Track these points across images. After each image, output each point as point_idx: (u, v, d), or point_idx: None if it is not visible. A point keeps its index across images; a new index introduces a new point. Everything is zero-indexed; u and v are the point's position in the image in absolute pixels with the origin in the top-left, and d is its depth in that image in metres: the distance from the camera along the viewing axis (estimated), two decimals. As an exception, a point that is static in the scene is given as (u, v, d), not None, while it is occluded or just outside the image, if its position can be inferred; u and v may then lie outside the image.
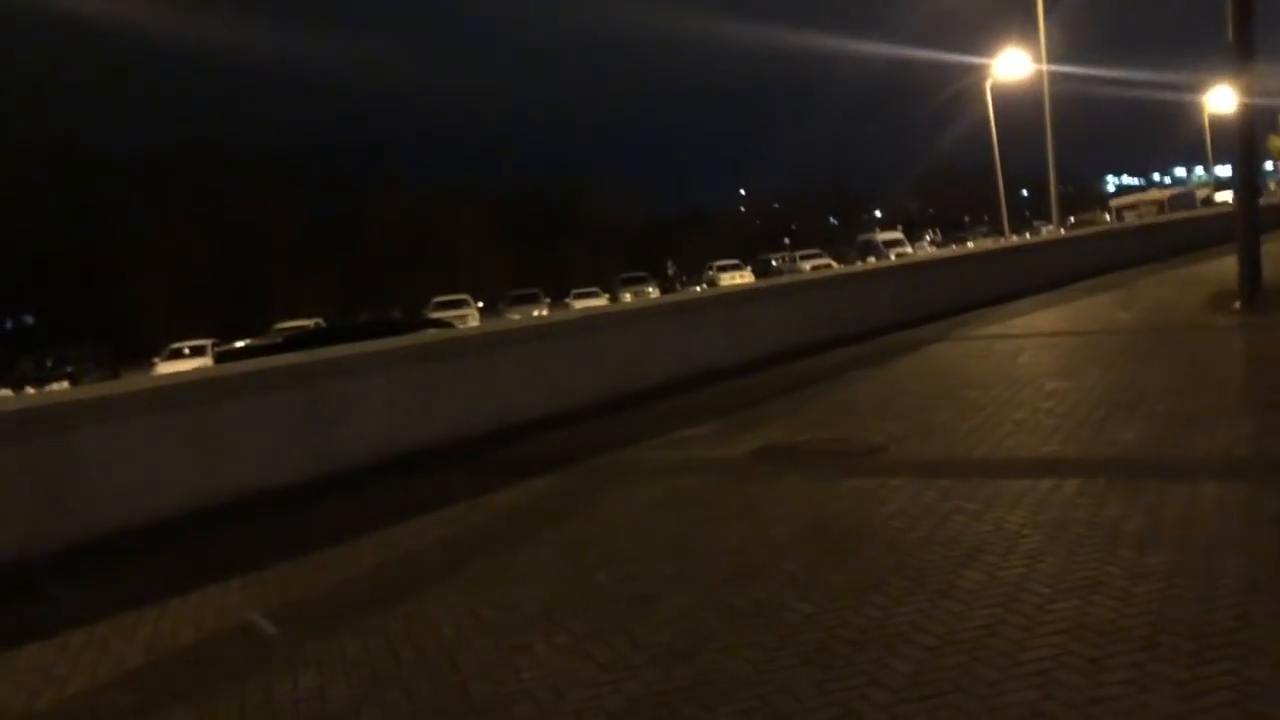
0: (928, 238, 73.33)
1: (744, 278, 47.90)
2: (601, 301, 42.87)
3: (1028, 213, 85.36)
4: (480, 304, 46.22)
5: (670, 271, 60.86)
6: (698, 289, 40.86)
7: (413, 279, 60.34)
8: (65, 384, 30.94)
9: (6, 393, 31.80)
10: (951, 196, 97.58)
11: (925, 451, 6.96)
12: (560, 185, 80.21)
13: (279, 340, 11.43)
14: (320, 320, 38.36)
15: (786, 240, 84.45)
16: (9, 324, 61.52)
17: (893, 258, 37.09)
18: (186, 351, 33.04)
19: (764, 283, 18.78)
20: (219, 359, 12.28)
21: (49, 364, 33.41)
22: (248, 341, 12.35)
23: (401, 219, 66.71)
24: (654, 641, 4.06)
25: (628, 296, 43.72)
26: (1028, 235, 55.96)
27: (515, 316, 36.06)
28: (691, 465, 7.42)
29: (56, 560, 6.49)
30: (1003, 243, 38.95)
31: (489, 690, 3.76)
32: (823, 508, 5.77)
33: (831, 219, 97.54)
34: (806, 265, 48.30)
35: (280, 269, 59.61)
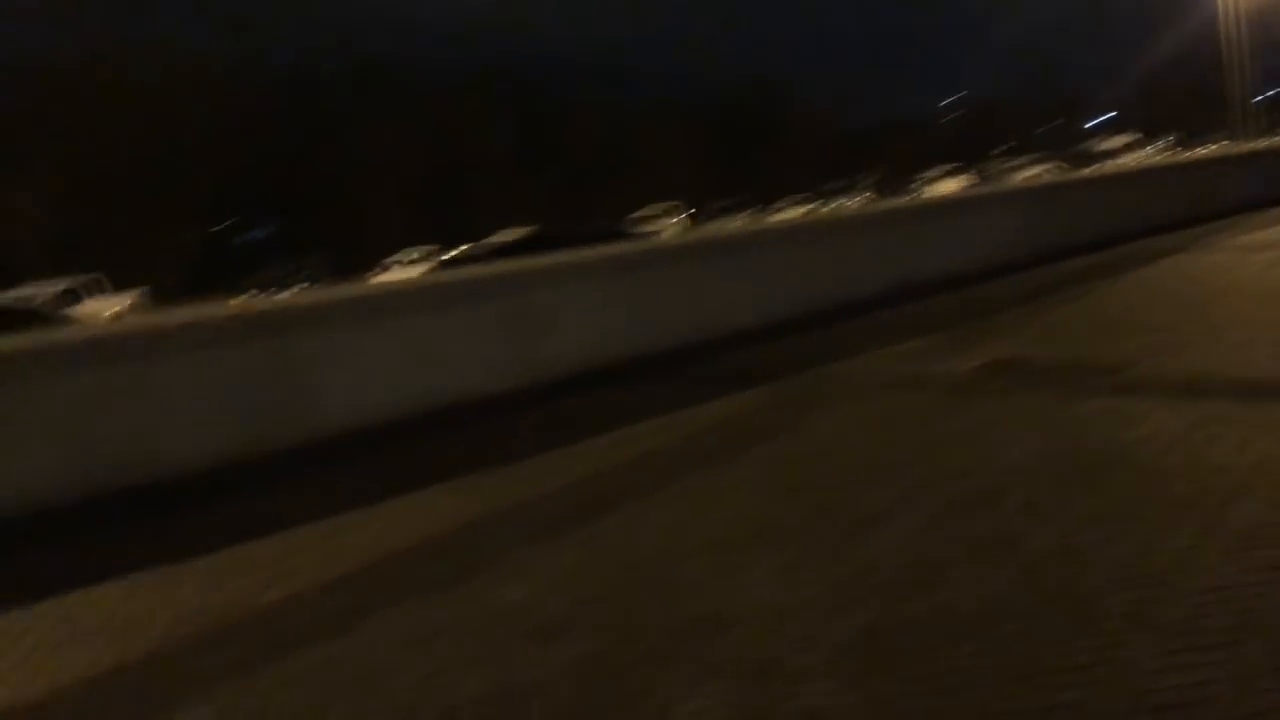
0: (1160, 143, 67.75)
1: (956, 186, 45.67)
2: (808, 210, 41.87)
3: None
4: (691, 211, 45.99)
5: (868, 181, 58.41)
6: (906, 198, 39.29)
7: (619, 189, 60.73)
8: (301, 288, 32.94)
9: (245, 297, 34.21)
10: (1178, 99, 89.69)
11: (1174, 371, 6.29)
12: (764, 94, 78.39)
13: (496, 248, 11.58)
14: (532, 229, 39.18)
15: (1002, 148, 80.00)
16: (254, 234, 65.90)
17: (1119, 164, 34.37)
18: (410, 259, 34.50)
19: (983, 189, 17.71)
20: (440, 266, 12.60)
21: (287, 270, 35.57)
22: (466, 249, 12.60)
23: (609, 130, 67.00)
24: (880, 570, 3.78)
25: (832, 206, 42.54)
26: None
27: (718, 226, 35.69)
28: (912, 381, 7.00)
29: (288, 459, 6.77)
30: (1249, 146, 35.45)
31: (704, 612, 3.58)
32: (1061, 430, 5.28)
33: (1051, 124, 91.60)
34: (1024, 174, 45.54)
35: (495, 181, 61.15)
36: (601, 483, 5.49)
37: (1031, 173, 44.88)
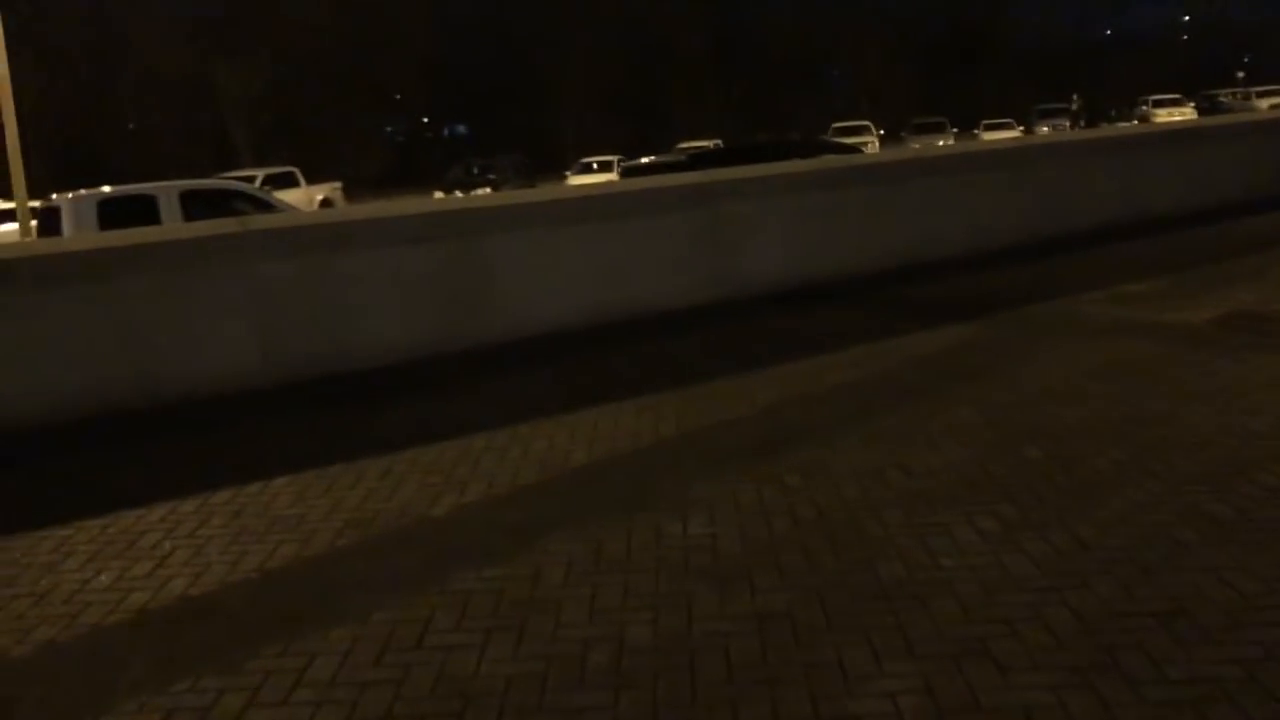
0: None
1: (1185, 115, 42.09)
2: (1014, 134, 39.49)
3: None
4: (881, 132, 44.15)
5: (1074, 106, 53.94)
6: (1128, 125, 36.47)
7: (812, 102, 59.00)
8: (487, 190, 33.44)
9: (438, 195, 35.00)
10: None
11: None
12: (973, 4, 73.93)
13: (682, 159, 11.22)
14: (719, 141, 38.41)
15: (1240, 74, 73.19)
16: (446, 132, 67.43)
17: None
18: (595, 166, 34.48)
19: (1222, 120, 16.08)
20: (624, 174, 12.34)
21: (475, 171, 36.18)
22: (652, 158, 12.27)
23: (804, 39, 64.88)
24: (1105, 544, 3.32)
25: (1044, 130, 39.97)
26: None
27: (917, 146, 34.09)
28: (1140, 328, 6.31)
29: (465, 362, 6.70)
30: None
31: (899, 574, 3.23)
32: (1323, 399, 4.61)
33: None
34: (1264, 104, 41.53)
35: (683, 89, 60.37)
36: (789, 414, 5.14)
37: (1267, 104, 40.91)
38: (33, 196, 26.95)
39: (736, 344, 6.79)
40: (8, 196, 24.26)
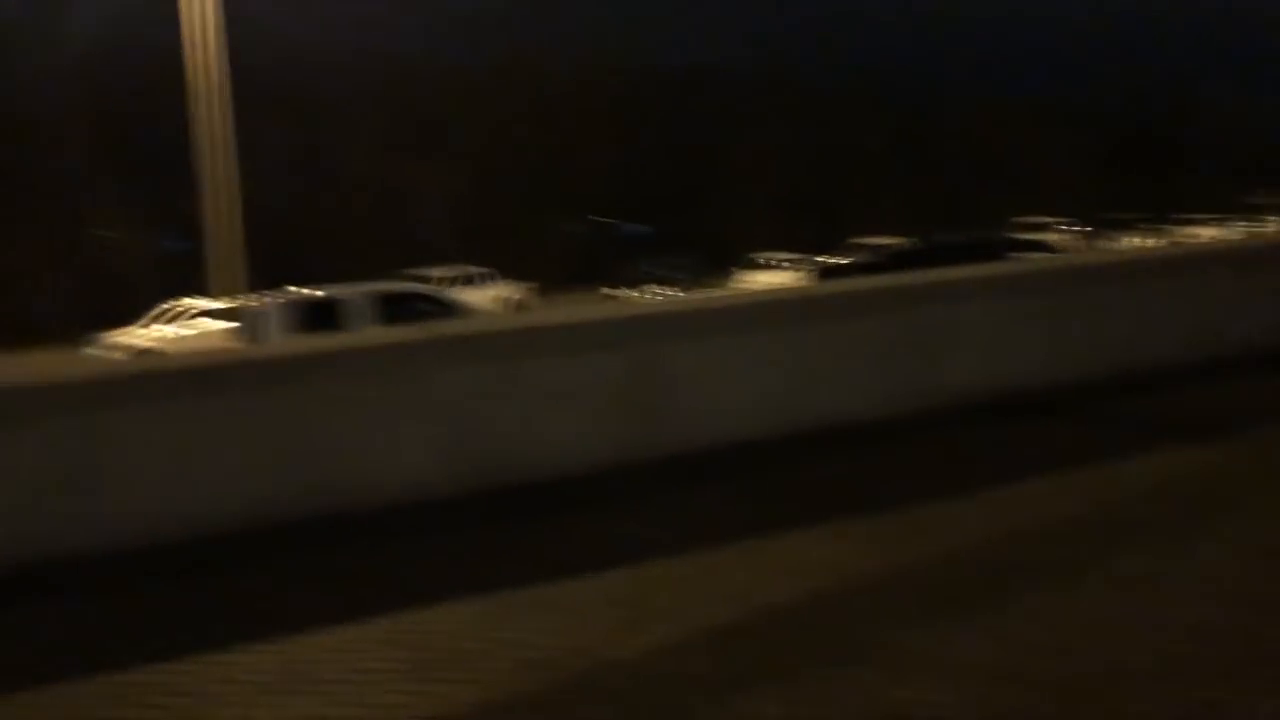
0: None
1: None
2: (1217, 232, 37.22)
3: None
4: (1073, 228, 42.43)
5: (1261, 200, 49.61)
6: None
7: (992, 198, 57.52)
8: (664, 288, 33.71)
9: (617, 293, 35.53)
10: None
11: None
12: (1162, 98, 71.00)
13: (882, 259, 10.81)
14: (911, 241, 37.65)
15: None
16: (627, 231, 69.06)
17: None
18: (768, 263, 34.37)
19: None
20: (821, 275, 12.03)
21: (654, 269, 36.58)
22: (850, 259, 11.91)
23: (983, 134, 63.74)
24: None
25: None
26: None
27: (1113, 244, 32.51)
28: None
29: (647, 474, 6.40)
30: None
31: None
32: None
33: None
34: None
35: (857, 185, 60.04)
36: (1007, 550, 4.59)
37: None
38: (242, 293, 28.83)
39: (939, 462, 6.25)
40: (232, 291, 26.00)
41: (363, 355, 6.04)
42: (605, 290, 35.43)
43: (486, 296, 33.28)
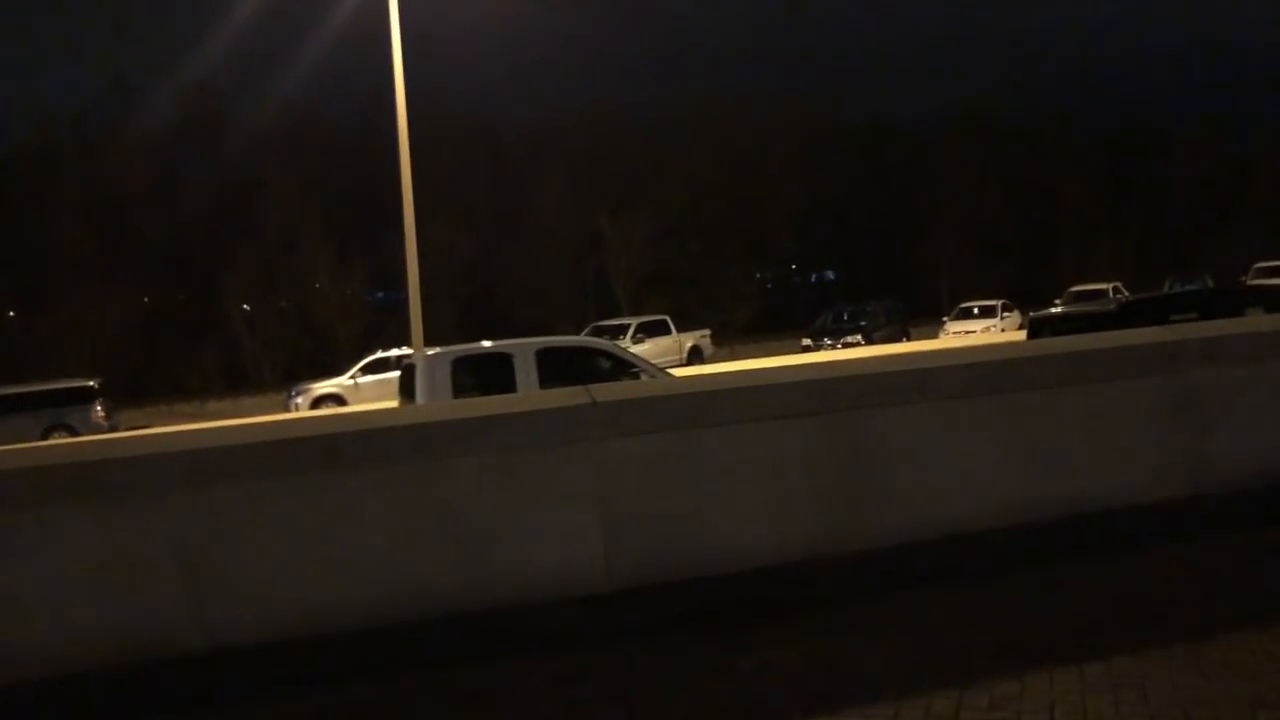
0: None
1: None
2: None
3: None
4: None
5: None
6: None
7: (1223, 241, 53.02)
8: (857, 337, 32.15)
9: (806, 342, 34.15)
10: None
11: None
12: None
13: (1111, 309, 9.31)
14: (1117, 285, 34.81)
15: None
16: (814, 278, 67.56)
17: None
18: (975, 311, 32.31)
19: None
20: (1032, 326, 10.59)
21: (845, 317, 35.10)
22: (1068, 308, 10.43)
23: (1209, 172, 59.15)
24: None
25: None
26: None
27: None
28: None
29: (847, 571, 5.27)
30: None
31: None
32: None
33: None
34: None
35: (1072, 229, 56.66)
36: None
37: None
38: (438, 344, 29.22)
39: (1231, 569, 4.86)
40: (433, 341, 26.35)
41: (517, 423, 5.18)
42: (805, 341, 34.13)
43: (663, 346, 32.59)
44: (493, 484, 5.10)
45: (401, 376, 10.62)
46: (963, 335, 30.83)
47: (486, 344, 10.43)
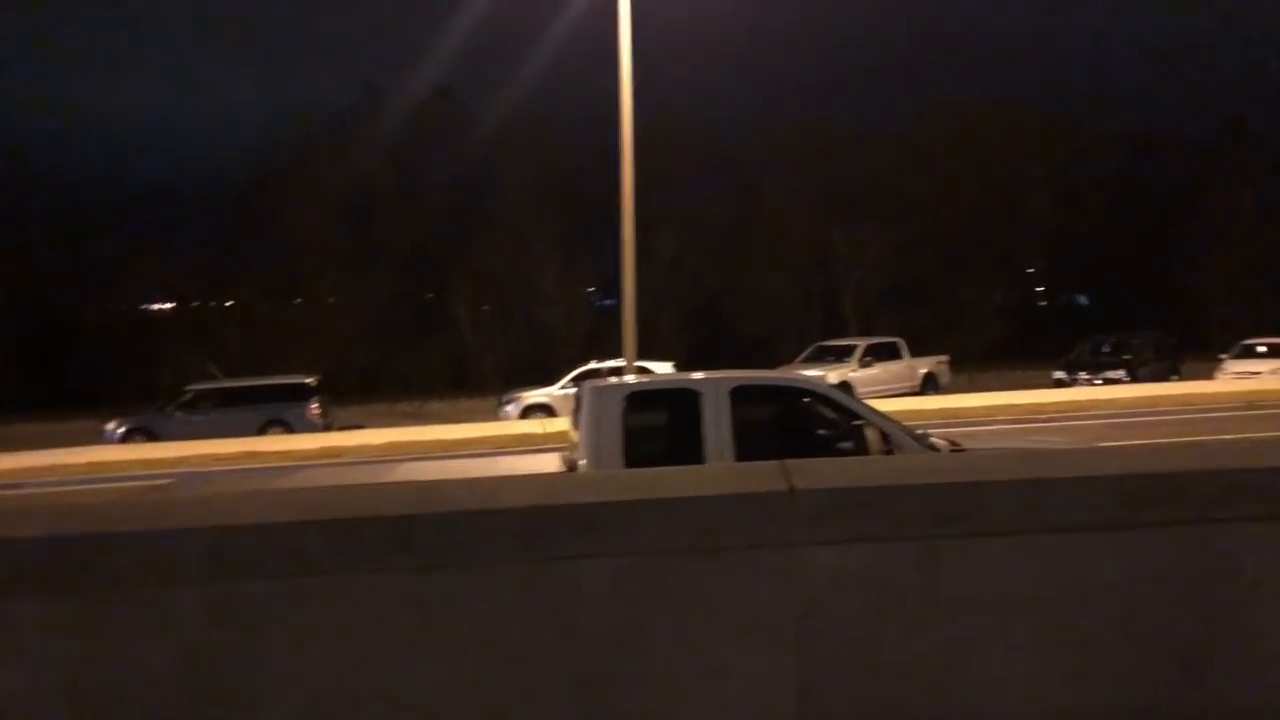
0: None
1: None
2: None
3: None
4: None
5: None
6: None
7: None
8: (1121, 373, 28.61)
9: (1058, 375, 30.72)
10: None
11: None
12: None
13: None
14: None
15: None
16: (1064, 302, 62.73)
17: None
18: (1262, 350, 28.10)
19: None
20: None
21: (1105, 350, 31.48)
22: None
23: None
24: None
25: None
26: None
27: None
28: None
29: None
30: None
31: None
32: None
33: None
34: None
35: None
36: None
37: None
38: (659, 357, 27.97)
39: None
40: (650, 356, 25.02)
41: (662, 513, 3.51)
42: (1057, 374, 30.72)
43: (894, 371, 29.98)
44: (631, 599, 3.46)
45: (575, 404, 8.96)
46: (1246, 376, 26.79)
47: (669, 370, 8.75)
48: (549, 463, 7.80)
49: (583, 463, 7.80)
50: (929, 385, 30.55)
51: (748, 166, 53.06)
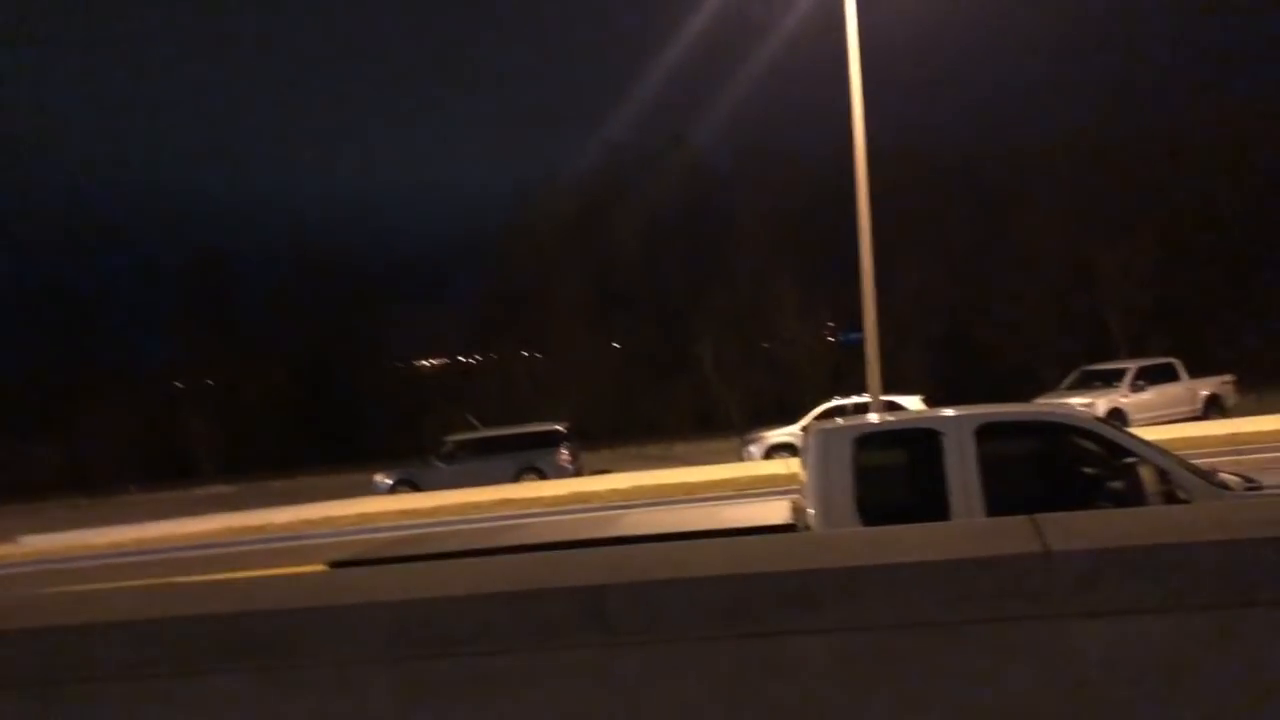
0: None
1: None
2: None
3: None
4: None
5: None
6: None
7: None
8: None
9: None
10: None
11: None
12: None
13: None
14: None
15: None
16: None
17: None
18: None
19: None
20: None
21: None
22: None
23: None
24: None
25: None
26: None
27: None
28: None
29: None
30: None
31: None
32: None
33: None
34: None
35: None
36: None
37: None
38: (908, 391, 26.77)
39: None
40: (899, 390, 23.98)
41: (885, 580, 3.00)
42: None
43: (1170, 395, 27.33)
44: (851, 682, 2.97)
45: (803, 446, 8.29)
46: None
47: (917, 404, 8.00)
48: (778, 510, 7.28)
49: (810, 513, 7.26)
50: (1212, 409, 27.72)
51: (998, 187, 50.64)
